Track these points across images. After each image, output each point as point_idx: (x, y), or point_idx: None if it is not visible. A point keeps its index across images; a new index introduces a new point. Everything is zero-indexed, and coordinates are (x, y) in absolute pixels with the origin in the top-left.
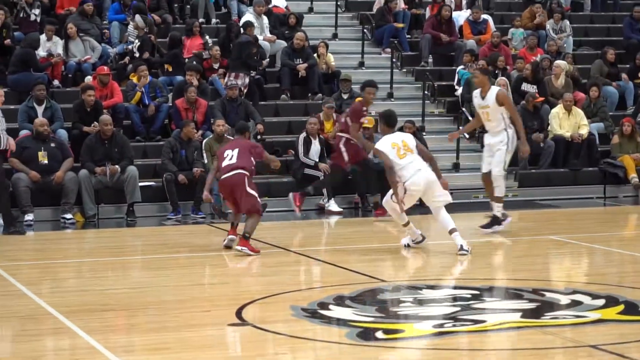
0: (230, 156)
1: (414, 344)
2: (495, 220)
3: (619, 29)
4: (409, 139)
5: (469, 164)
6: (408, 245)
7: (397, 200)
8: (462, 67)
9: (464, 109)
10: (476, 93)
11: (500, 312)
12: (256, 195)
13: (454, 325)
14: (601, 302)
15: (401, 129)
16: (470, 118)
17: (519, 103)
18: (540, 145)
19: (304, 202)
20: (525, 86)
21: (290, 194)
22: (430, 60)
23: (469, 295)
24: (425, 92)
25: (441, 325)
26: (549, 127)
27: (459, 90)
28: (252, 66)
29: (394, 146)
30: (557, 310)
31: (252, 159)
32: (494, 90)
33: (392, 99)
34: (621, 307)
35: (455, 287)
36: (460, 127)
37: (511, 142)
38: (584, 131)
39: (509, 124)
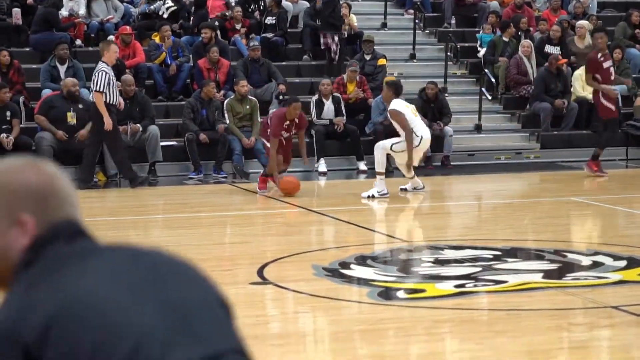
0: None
1: (435, 304)
2: None
3: None
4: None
5: (491, 125)
6: (405, 190)
7: (410, 162)
8: (482, 30)
9: (486, 70)
10: None
11: (522, 272)
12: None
13: (475, 286)
14: (623, 263)
15: (424, 90)
16: (492, 79)
17: (542, 65)
18: (563, 111)
19: None
20: (548, 48)
21: None
22: (453, 21)
23: (491, 256)
24: (448, 53)
25: (462, 286)
26: (572, 89)
27: (482, 52)
28: (338, 25)
29: (407, 106)
30: (579, 271)
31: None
32: None
33: (415, 60)
34: None
35: (476, 248)
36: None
37: None
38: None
39: None
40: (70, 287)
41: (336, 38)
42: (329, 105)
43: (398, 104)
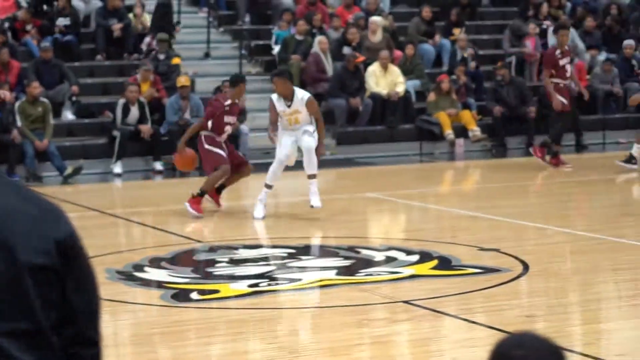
0: None
1: (229, 304)
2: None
3: None
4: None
5: None
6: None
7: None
8: (277, 27)
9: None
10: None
11: (316, 270)
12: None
13: (269, 285)
14: (415, 257)
15: (218, 89)
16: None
17: (339, 62)
18: (359, 108)
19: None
20: (345, 49)
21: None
22: (247, 19)
23: (285, 254)
24: (243, 51)
25: (256, 285)
26: (366, 85)
27: (276, 50)
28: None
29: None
30: (372, 267)
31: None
32: None
33: (209, 59)
34: (435, 262)
35: (271, 247)
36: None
37: None
38: (401, 89)
39: None
40: None
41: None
42: (134, 111)
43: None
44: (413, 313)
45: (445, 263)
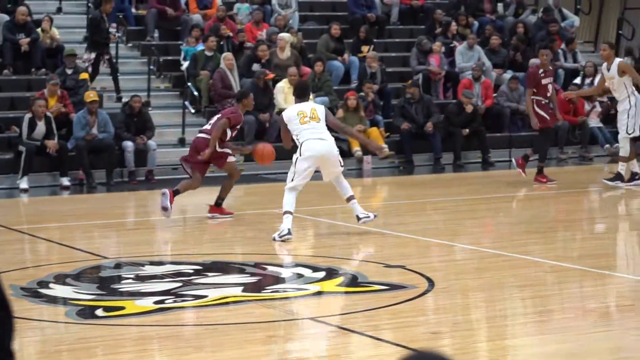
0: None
1: (134, 321)
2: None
3: (344, 4)
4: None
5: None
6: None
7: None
8: (185, 43)
9: (189, 83)
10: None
11: (222, 286)
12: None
13: (175, 301)
14: (322, 274)
15: (127, 104)
16: (195, 93)
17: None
18: (267, 124)
19: None
20: (255, 66)
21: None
22: (156, 34)
23: (192, 271)
24: (151, 67)
25: (162, 302)
26: (275, 101)
27: (185, 65)
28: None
29: (299, 114)
30: (279, 284)
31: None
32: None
33: (119, 74)
34: (340, 279)
35: (178, 263)
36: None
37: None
38: None
39: (632, 92)
40: None
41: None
42: (41, 126)
43: (289, 110)
44: (320, 330)
45: (351, 280)
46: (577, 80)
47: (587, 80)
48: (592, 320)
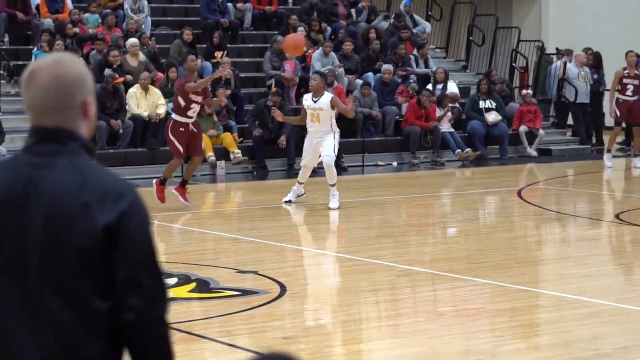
0: None
1: None
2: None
3: (197, 9)
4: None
5: None
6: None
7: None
8: (37, 48)
9: None
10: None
11: None
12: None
13: None
14: (173, 280)
15: None
16: None
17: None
18: (119, 130)
19: None
20: (106, 71)
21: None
22: (6, 39)
23: None
24: (1, 71)
25: None
26: (127, 107)
27: None
28: None
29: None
30: None
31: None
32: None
33: None
34: (193, 285)
35: None
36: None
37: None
38: (162, 110)
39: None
40: None
41: None
42: None
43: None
44: (173, 337)
45: (203, 285)
46: (429, 86)
47: (439, 86)
48: (443, 324)
